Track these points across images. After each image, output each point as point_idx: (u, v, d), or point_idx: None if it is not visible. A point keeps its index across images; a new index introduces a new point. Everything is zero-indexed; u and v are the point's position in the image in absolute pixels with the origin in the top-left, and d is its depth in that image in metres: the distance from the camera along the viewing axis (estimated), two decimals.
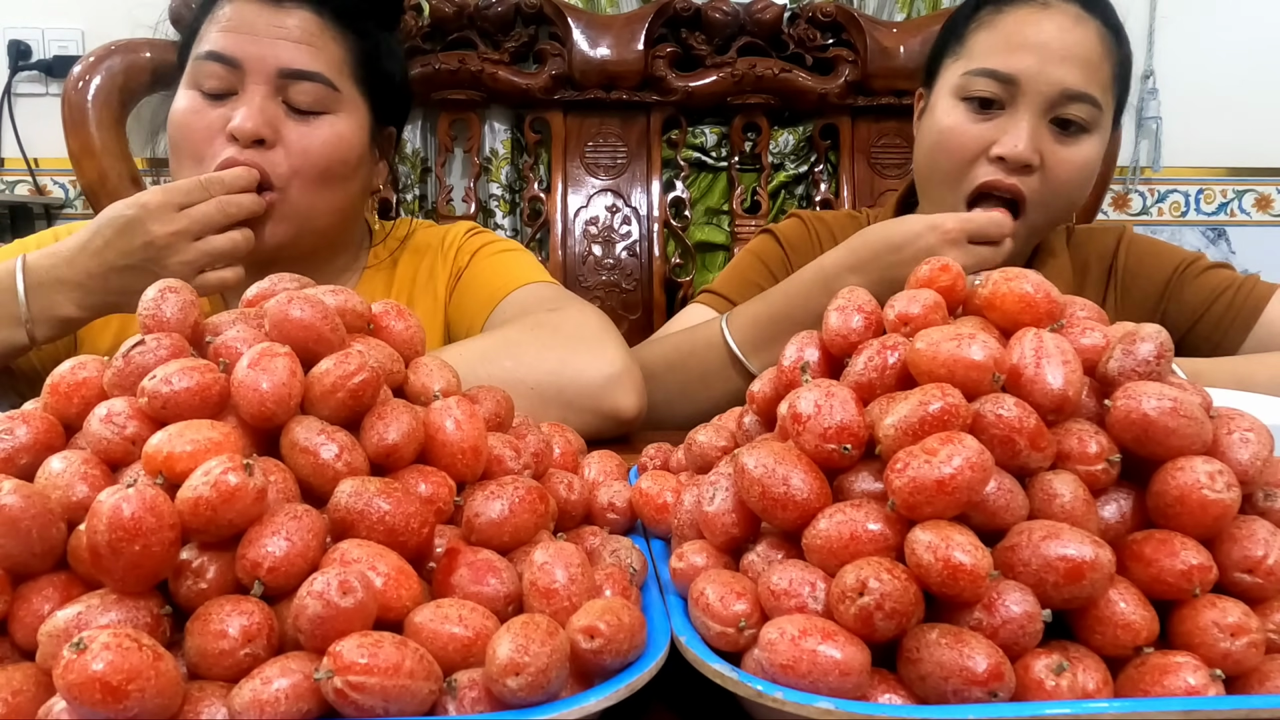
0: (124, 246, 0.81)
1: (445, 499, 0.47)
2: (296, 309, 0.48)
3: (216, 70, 0.90)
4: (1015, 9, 0.96)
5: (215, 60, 0.90)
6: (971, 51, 0.98)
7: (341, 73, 0.94)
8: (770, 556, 0.45)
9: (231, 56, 0.90)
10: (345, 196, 0.98)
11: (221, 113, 0.90)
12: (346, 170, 0.96)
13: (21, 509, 0.38)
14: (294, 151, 0.91)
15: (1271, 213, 2.08)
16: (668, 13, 1.77)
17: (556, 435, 0.61)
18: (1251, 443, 0.44)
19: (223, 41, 0.90)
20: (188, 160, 0.92)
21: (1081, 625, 0.40)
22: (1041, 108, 0.93)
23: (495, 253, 1.08)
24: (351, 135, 0.95)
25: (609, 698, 0.38)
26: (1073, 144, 0.95)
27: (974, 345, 0.44)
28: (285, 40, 0.91)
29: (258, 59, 0.90)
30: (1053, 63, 0.93)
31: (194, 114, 0.91)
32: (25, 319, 0.82)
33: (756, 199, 1.88)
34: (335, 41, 0.94)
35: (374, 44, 0.98)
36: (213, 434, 0.41)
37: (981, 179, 0.95)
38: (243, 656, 0.37)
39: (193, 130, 0.91)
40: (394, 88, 1.02)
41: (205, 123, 0.91)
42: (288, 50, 0.91)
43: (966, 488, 0.39)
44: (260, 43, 0.90)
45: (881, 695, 0.39)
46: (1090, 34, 0.95)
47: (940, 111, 0.98)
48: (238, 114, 0.89)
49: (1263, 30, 1.99)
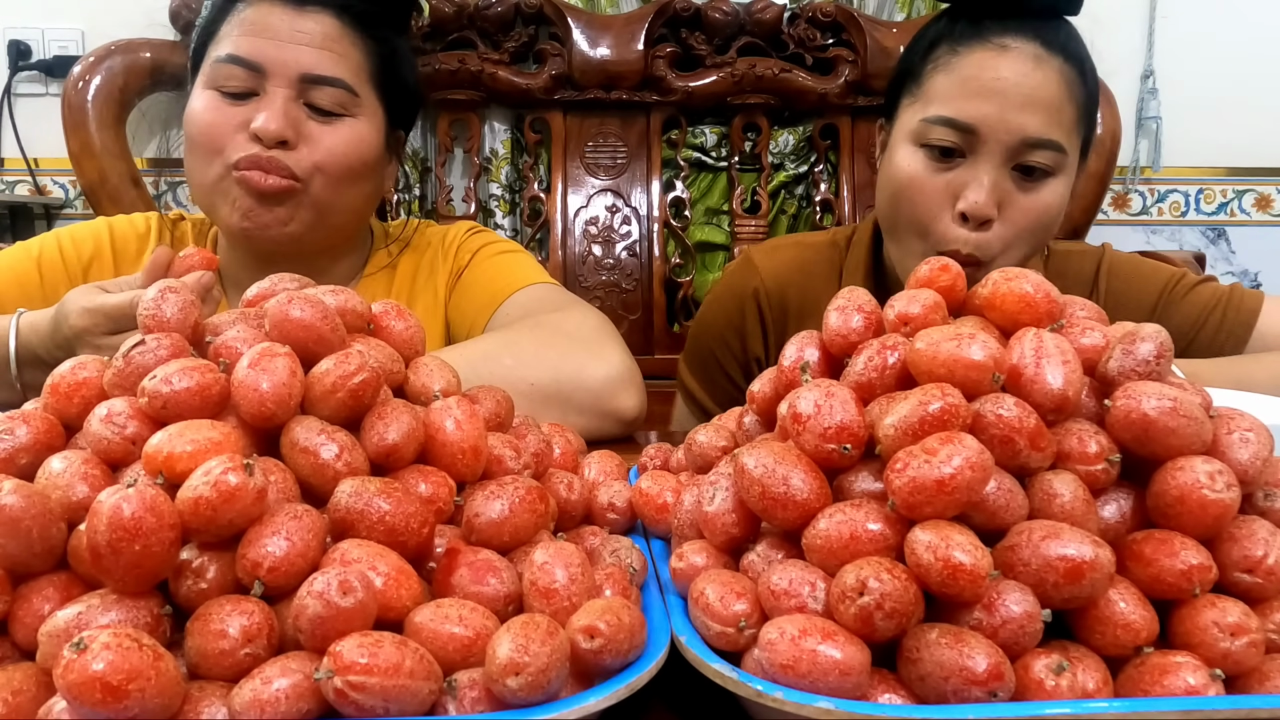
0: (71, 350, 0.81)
1: (445, 499, 0.47)
2: (296, 309, 0.48)
3: (237, 73, 0.91)
4: (972, 51, 0.92)
5: (237, 63, 0.91)
6: (929, 95, 0.94)
7: (360, 78, 0.95)
8: (770, 556, 0.45)
9: (254, 60, 0.91)
10: (362, 196, 1.00)
11: (242, 111, 0.91)
12: (365, 171, 0.97)
13: (21, 509, 0.38)
14: (316, 150, 0.93)
15: (1271, 213, 2.08)
16: (668, 13, 1.78)
17: (556, 435, 0.61)
18: (1251, 443, 0.44)
19: (245, 45, 0.91)
20: (206, 155, 0.92)
21: (1081, 625, 0.40)
22: (1002, 157, 0.90)
23: (496, 253, 1.09)
24: (370, 138, 0.96)
25: (609, 698, 0.38)
26: (1035, 191, 0.91)
27: (974, 345, 0.44)
28: (307, 45, 0.92)
29: (280, 63, 0.91)
30: (1012, 110, 0.89)
31: (214, 112, 0.91)
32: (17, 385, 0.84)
33: (756, 199, 1.88)
34: (355, 47, 0.95)
35: (391, 50, 0.99)
36: (213, 434, 0.41)
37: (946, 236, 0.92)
38: (243, 656, 0.37)
39: (213, 127, 0.91)
40: (409, 92, 1.03)
41: (226, 120, 0.91)
42: (310, 55, 0.92)
43: (966, 488, 0.39)
44: (283, 47, 0.91)
45: (881, 695, 0.39)
46: (1051, 75, 0.90)
47: (900, 158, 0.95)
48: (261, 115, 0.90)
49: (1263, 30, 1.99)
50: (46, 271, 0.99)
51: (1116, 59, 1.94)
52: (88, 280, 0.99)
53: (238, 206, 0.92)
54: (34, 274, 0.99)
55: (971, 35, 0.91)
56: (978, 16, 0.92)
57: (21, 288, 0.98)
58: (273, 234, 0.93)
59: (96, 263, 1.02)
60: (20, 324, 0.83)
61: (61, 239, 1.02)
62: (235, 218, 0.93)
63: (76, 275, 1.00)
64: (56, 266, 1.00)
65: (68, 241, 1.02)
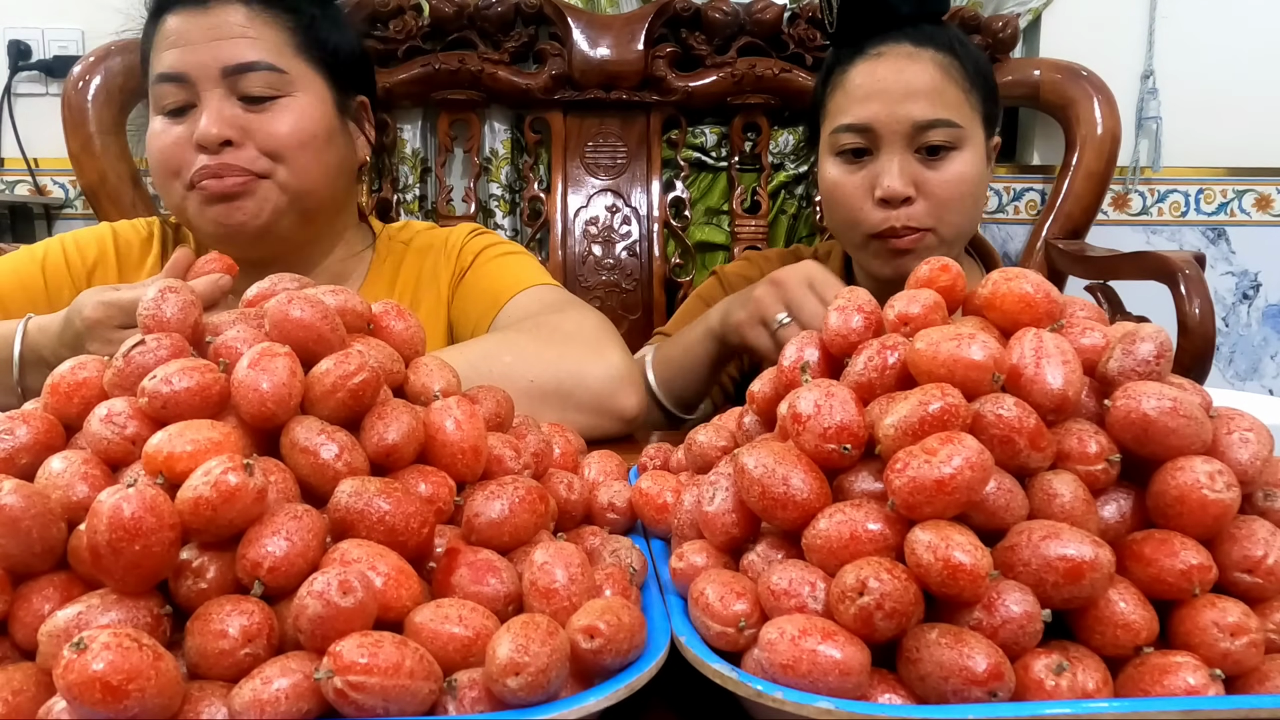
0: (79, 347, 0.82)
1: (445, 499, 0.47)
2: (296, 309, 0.48)
3: (170, 90, 0.93)
4: (855, 65, 1.06)
5: (166, 80, 0.92)
6: (832, 112, 1.08)
7: (283, 53, 0.95)
8: (770, 556, 0.45)
9: (178, 73, 0.92)
10: (328, 168, 0.99)
11: (185, 128, 0.93)
12: (320, 143, 0.97)
13: (21, 509, 0.38)
14: (261, 141, 0.93)
15: (1271, 213, 2.07)
16: (668, 13, 1.77)
17: (556, 435, 0.61)
18: (1251, 443, 0.44)
19: (168, 60, 0.93)
20: (166, 179, 0.94)
21: (1081, 625, 0.40)
22: (902, 144, 1.03)
23: (499, 255, 1.09)
24: (313, 109, 0.96)
25: (609, 698, 0.38)
26: (943, 165, 1.03)
27: (974, 345, 0.44)
28: (221, 39, 0.93)
29: (200, 66, 0.92)
30: (896, 103, 1.02)
31: (163, 135, 0.93)
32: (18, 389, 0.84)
33: (756, 199, 1.88)
34: (270, 26, 0.95)
35: (310, 19, 0.99)
36: (213, 434, 0.41)
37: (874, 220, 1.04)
38: (243, 656, 0.37)
39: (164, 151, 0.93)
40: (346, 56, 1.03)
41: (174, 141, 0.93)
42: (225, 48, 0.92)
43: (966, 488, 0.39)
44: (199, 50, 0.92)
45: (881, 695, 0.39)
46: (925, 66, 1.02)
47: (825, 170, 1.09)
48: (200, 122, 0.91)
49: (1263, 30, 1.99)
50: (50, 275, 1.00)
51: (1116, 59, 1.94)
52: (92, 285, 1.00)
53: (207, 216, 0.93)
54: (38, 278, 0.99)
55: (853, 53, 1.07)
56: (856, 39, 1.07)
57: (25, 290, 0.98)
58: (248, 230, 0.94)
59: (101, 267, 1.02)
60: (29, 327, 0.83)
61: (66, 244, 1.02)
62: (208, 226, 0.94)
63: (81, 279, 1.00)
64: (60, 271, 1.00)
65: (72, 246, 1.02)
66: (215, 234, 0.94)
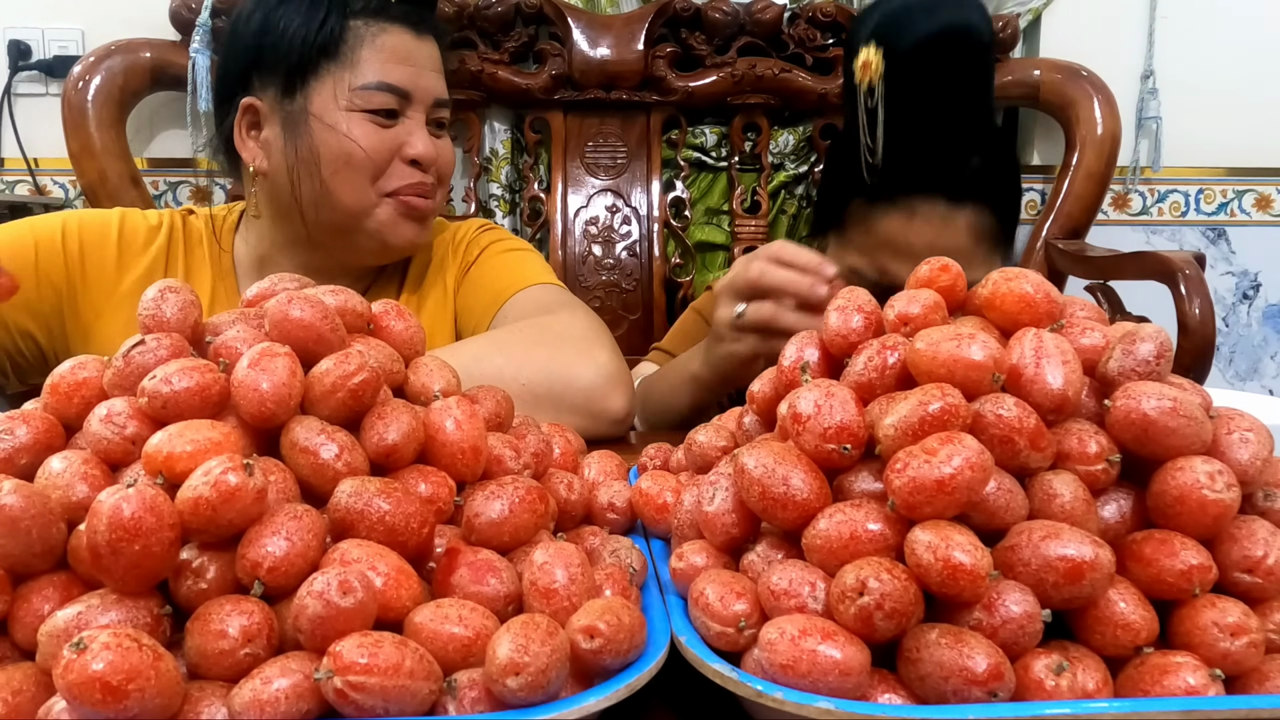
0: None
1: (445, 499, 0.47)
2: (296, 309, 0.48)
3: (387, 98, 0.97)
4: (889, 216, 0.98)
5: (389, 91, 0.97)
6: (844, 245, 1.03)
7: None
8: (770, 556, 0.45)
9: (404, 88, 0.98)
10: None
11: (393, 135, 0.98)
12: None
13: (21, 509, 0.38)
14: (440, 166, 1.02)
15: (1271, 213, 2.07)
16: (668, 13, 1.77)
17: (556, 435, 0.61)
18: (1251, 443, 0.44)
19: (395, 73, 0.97)
20: (363, 179, 0.97)
21: (1081, 625, 0.40)
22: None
23: (503, 251, 1.10)
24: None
25: (609, 698, 0.38)
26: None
27: (974, 345, 0.44)
28: (435, 72, 1.02)
29: (423, 90, 0.99)
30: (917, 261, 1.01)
31: (374, 137, 0.97)
32: None
33: (756, 199, 1.88)
34: (443, 65, 1.05)
35: (446, 51, 1.07)
36: (213, 434, 0.41)
37: None
38: (243, 656, 0.37)
39: (375, 152, 0.97)
40: None
41: (386, 146, 0.97)
42: (436, 80, 1.01)
43: (966, 488, 0.39)
44: (421, 74, 0.99)
45: (881, 695, 0.39)
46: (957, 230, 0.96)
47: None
48: (414, 140, 0.98)
49: (1263, 30, 1.99)
50: (43, 251, 0.98)
51: (1116, 59, 1.94)
52: (84, 264, 0.99)
53: (401, 229, 0.99)
54: (30, 251, 0.97)
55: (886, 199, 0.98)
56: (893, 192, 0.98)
57: (13, 263, 0.95)
58: (416, 248, 1.04)
59: (98, 251, 1.01)
60: None
61: (68, 222, 1.01)
62: (398, 239, 1.00)
63: (74, 258, 0.99)
64: (54, 247, 0.99)
65: (74, 226, 1.01)
66: (391, 243, 1.00)
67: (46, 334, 0.99)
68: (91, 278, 1.00)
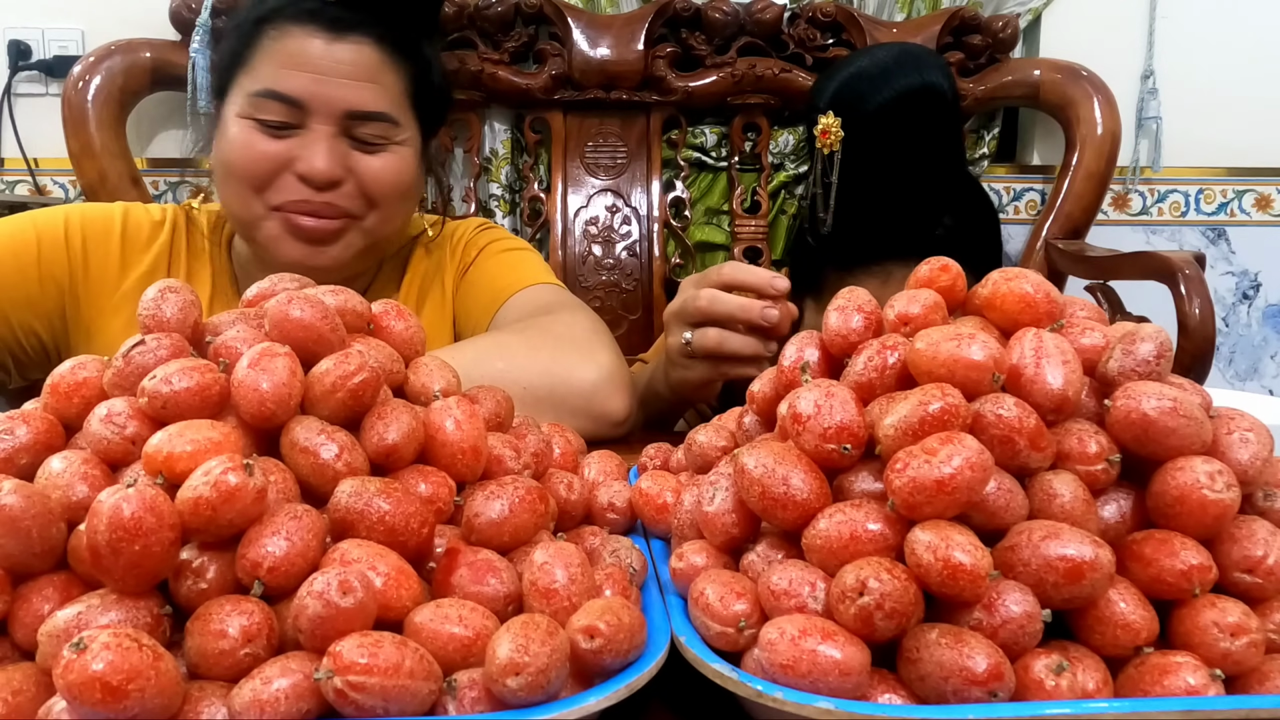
0: None
1: (445, 499, 0.47)
2: (296, 309, 0.48)
3: (276, 107, 0.89)
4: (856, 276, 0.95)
5: (276, 99, 0.89)
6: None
7: (401, 105, 0.95)
8: (770, 556, 0.45)
9: (295, 97, 0.89)
10: (406, 215, 1.01)
11: (283, 148, 0.89)
12: (410, 193, 0.98)
13: (21, 509, 0.38)
14: (364, 183, 0.92)
15: (1271, 213, 2.07)
16: (668, 13, 1.77)
17: (556, 435, 0.61)
18: (1251, 443, 0.44)
19: (286, 80, 0.89)
20: (245, 190, 0.91)
21: (1081, 625, 0.40)
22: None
23: (501, 251, 1.09)
24: (411, 161, 0.97)
25: (609, 698, 0.38)
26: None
27: (974, 345, 0.44)
28: (352, 79, 0.90)
29: (323, 99, 0.89)
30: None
31: (253, 147, 0.90)
32: None
33: (756, 199, 1.88)
34: (394, 73, 0.94)
35: (426, 64, 0.98)
36: (213, 434, 0.41)
37: None
38: (243, 656, 0.37)
39: (254, 163, 0.89)
40: (440, 100, 1.02)
41: (269, 158, 0.90)
42: (353, 91, 0.90)
43: (966, 488, 0.39)
44: (324, 82, 0.89)
45: (881, 695, 0.39)
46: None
47: None
48: (309, 155, 0.89)
49: (1263, 30, 1.99)
50: (45, 246, 0.97)
51: (1116, 59, 1.94)
52: (87, 260, 0.98)
53: (286, 249, 0.92)
54: (32, 248, 0.97)
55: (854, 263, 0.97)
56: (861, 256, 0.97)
57: (16, 258, 0.96)
58: (328, 270, 0.94)
59: (101, 246, 1.00)
60: None
61: (71, 216, 1.00)
62: (282, 257, 0.92)
63: (77, 254, 0.98)
64: (57, 243, 0.98)
65: (76, 221, 1.00)
66: (286, 261, 0.92)
67: (49, 330, 0.99)
68: (94, 274, 0.99)
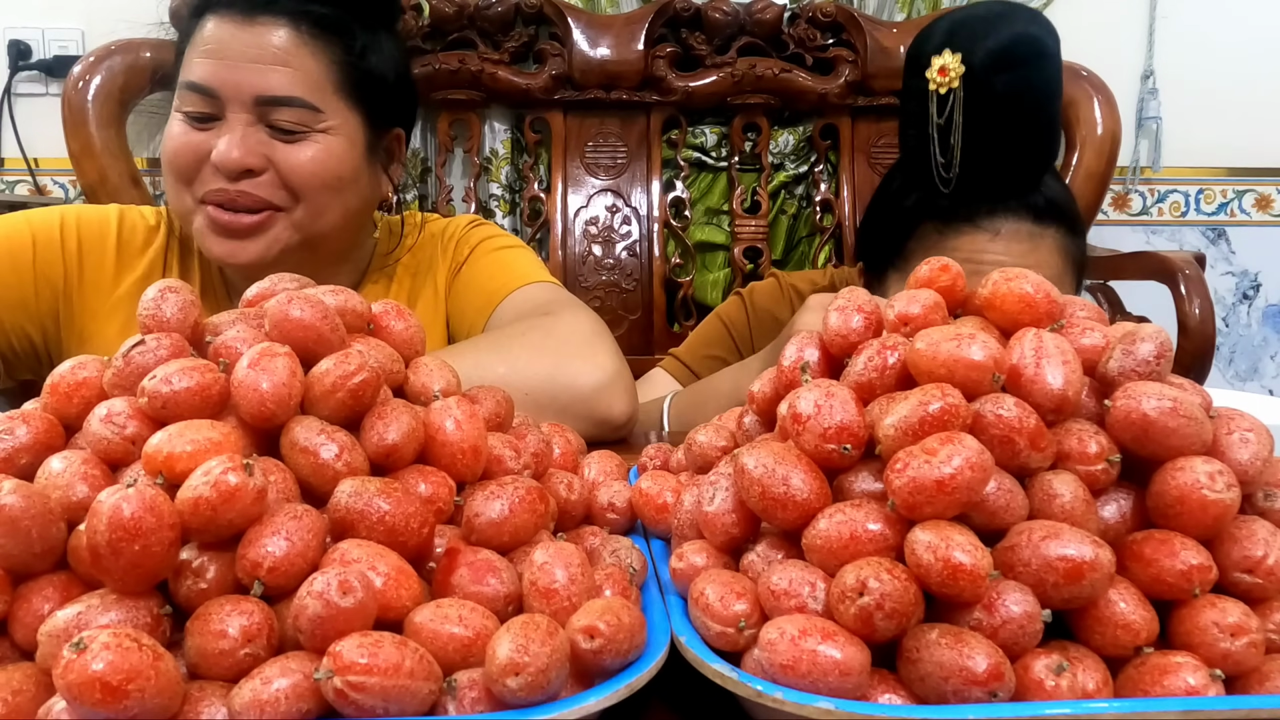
0: None
1: (445, 499, 0.47)
2: (296, 309, 0.48)
3: (196, 99, 0.89)
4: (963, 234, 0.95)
5: (194, 90, 0.89)
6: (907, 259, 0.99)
7: (323, 90, 0.91)
8: (770, 556, 0.45)
9: (209, 87, 0.88)
10: (346, 210, 0.97)
11: (206, 139, 0.89)
12: (342, 185, 0.94)
13: (21, 509, 0.38)
14: (284, 173, 0.90)
15: (1271, 213, 2.08)
16: (668, 13, 1.77)
17: (556, 435, 0.61)
18: (1251, 443, 0.44)
19: (201, 70, 0.89)
20: (176, 184, 0.92)
21: (1081, 625, 0.40)
22: None
23: (495, 249, 1.07)
24: (341, 151, 0.93)
25: (609, 698, 0.38)
26: None
27: (974, 345, 0.44)
28: (260, 64, 0.88)
29: (234, 86, 0.88)
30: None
31: (180, 139, 0.90)
32: None
33: (756, 199, 1.88)
34: (314, 57, 0.91)
35: (360, 48, 0.95)
36: (213, 434, 0.41)
37: None
38: (243, 656, 0.37)
39: (179, 155, 0.90)
40: (389, 89, 0.99)
41: (191, 148, 0.90)
42: (263, 76, 0.88)
43: (966, 488, 0.39)
44: (237, 69, 0.88)
45: (881, 695, 0.39)
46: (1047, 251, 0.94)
47: None
48: (220, 143, 0.88)
49: (1263, 30, 1.99)
50: (41, 248, 0.96)
51: (1116, 59, 1.94)
52: (82, 263, 0.98)
53: (210, 244, 0.92)
54: (27, 249, 0.96)
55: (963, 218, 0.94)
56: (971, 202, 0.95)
57: (11, 258, 0.95)
58: (253, 265, 0.91)
59: (97, 249, 0.99)
60: None
61: (66, 218, 0.99)
62: (212, 249, 0.92)
63: (72, 256, 0.98)
64: (53, 244, 0.97)
65: (72, 222, 0.99)
66: (215, 257, 0.93)
67: (41, 332, 0.98)
68: (89, 277, 0.98)
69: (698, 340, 1.22)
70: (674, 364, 1.20)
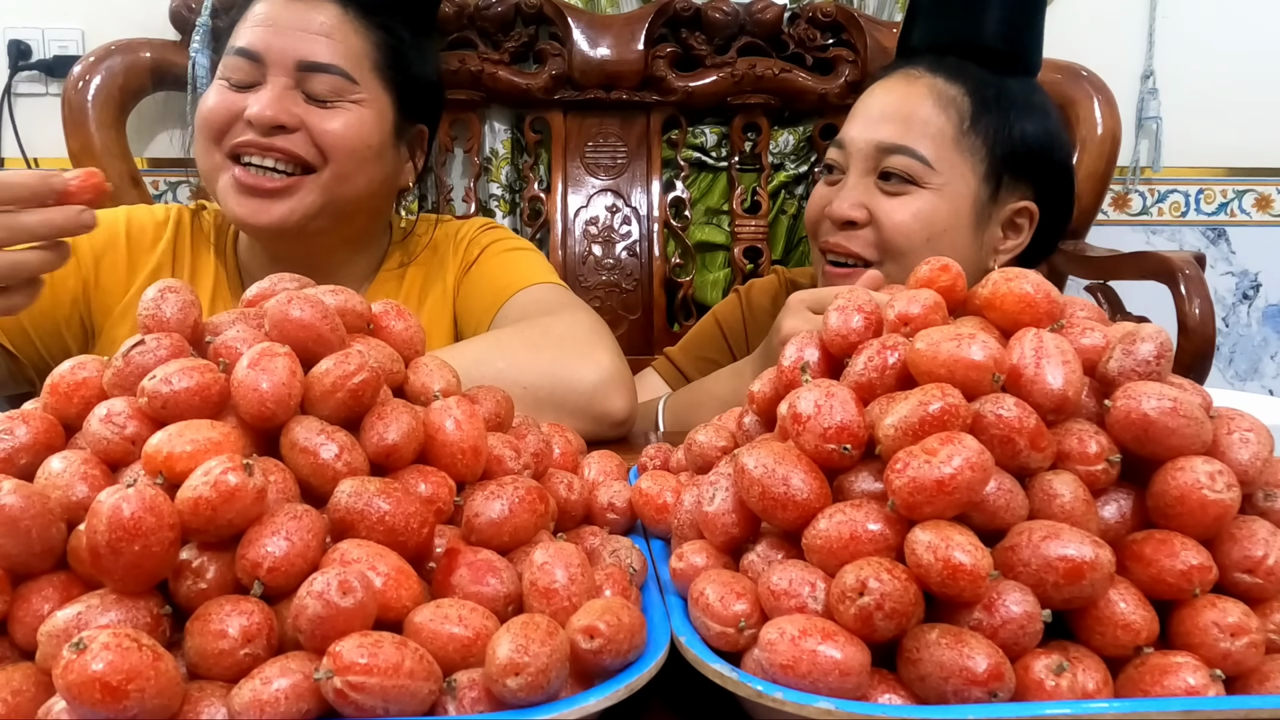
0: None
1: (445, 499, 0.47)
2: (296, 309, 0.48)
3: (241, 64, 0.93)
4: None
5: (241, 55, 0.93)
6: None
7: (361, 65, 0.96)
8: (770, 556, 0.45)
9: (254, 50, 0.93)
10: (371, 183, 0.99)
11: (242, 98, 0.93)
12: (370, 155, 0.97)
13: (21, 509, 0.38)
14: (316, 134, 0.93)
15: (1271, 213, 2.07)
16: (668, 13, 1.77)
17: (556, 435, 0.61)
18: (1251, 443, 0.44)
19: (249, 37, 0.93)
20: (207, 142, 0.94)
21: (1081, 625, 0.40)
22: (864, 168, 0.99)
23: (504, 250, 1.09)
24: (371, 123, 0.96)
25: (609, 698, 0.38)
26: (897, 198, 0.98)
27: (974, 345, 0.44)
28: (306, 32, 0.93)
29: (279, 51, 0.93)
30: (871, 124, 0.99)
31: (216, 98, 0.94)
32: None
33: (756, 199, 1.88)
34: (358, 35, 0.96)
35: (399, 40, 1.00)
36: (213, 434, 0.41)
37: (829, 241, 1.02)
38: (243, 656, 0.37)
39: (215, 114, 0.93)
40: (421, 84, 1.03)
41: (226, 106, 0.93)
42: (307, 42, 0.93)
43: (966, 488, 0.39)
44: (283, 35, 0.93)
45: (881, 695, 0.39)
46: (918, 90, 1.00)
47: None
48: (255, 101, 0.92)
49: (1263, 30, 1.99)
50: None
51: (1116, 59, 1.94)
52: (99, 269, 0.99)
53: (234, 204, 0.93)
54: None
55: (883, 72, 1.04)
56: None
57: None
58: (276, 229, 0.94)
59: (110, 252, 1.00)
60: None
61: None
62: (235, 209, 0.94)
63: (87, 262, 0.99)
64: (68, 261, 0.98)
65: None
66: (238, 217, 0.94)
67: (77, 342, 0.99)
68: (105, 283, 1.00)
69: (691, 341, 1.23)
70: (665, 364, 1.21)
